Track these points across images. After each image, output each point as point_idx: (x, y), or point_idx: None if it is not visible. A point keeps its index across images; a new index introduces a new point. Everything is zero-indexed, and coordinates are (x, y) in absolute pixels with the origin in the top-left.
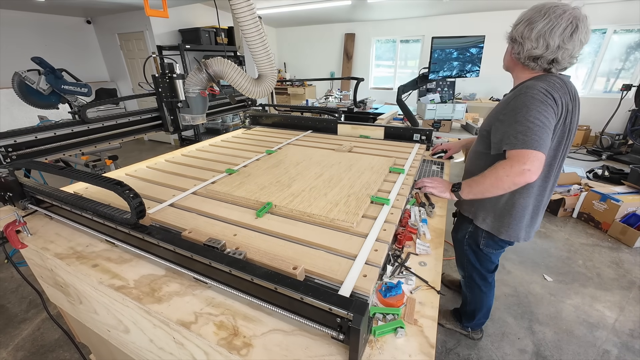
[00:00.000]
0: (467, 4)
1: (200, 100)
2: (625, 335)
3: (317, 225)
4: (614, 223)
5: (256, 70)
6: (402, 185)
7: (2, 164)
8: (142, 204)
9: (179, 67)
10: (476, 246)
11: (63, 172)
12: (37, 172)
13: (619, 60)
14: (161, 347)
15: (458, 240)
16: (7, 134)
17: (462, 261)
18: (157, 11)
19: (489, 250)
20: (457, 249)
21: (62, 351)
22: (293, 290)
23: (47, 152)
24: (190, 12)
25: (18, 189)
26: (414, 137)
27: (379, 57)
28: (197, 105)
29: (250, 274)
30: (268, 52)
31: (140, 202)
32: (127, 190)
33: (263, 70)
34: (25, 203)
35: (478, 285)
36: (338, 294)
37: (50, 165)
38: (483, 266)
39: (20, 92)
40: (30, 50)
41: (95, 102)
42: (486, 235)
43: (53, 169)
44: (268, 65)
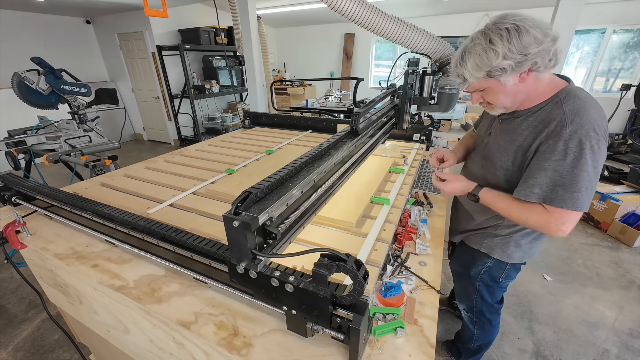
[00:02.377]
0: (467, 4)
1: (454, 98)
2: (624, 334)
3: (317, 225)
4: (614, 223)
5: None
6: (402, 185)
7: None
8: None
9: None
10: (493, 281)
11: None
12: (37, 172)
13: (619, 60)
14: (161, 347)
15: (469, 277)
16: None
17: (471, 297)
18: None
19: (508, 281)
20: (463, 286)
21: (62, 351)
22: (343, 309)
23: None
24: (189, 12)
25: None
26: (414, 137)
27: (379, 57)
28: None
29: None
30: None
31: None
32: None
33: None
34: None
35: (489, 320)
36: None
37: None
38: (495, 298)
39: (19, 92)
40: (30, 50)
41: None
42: (510, 267)
43: None
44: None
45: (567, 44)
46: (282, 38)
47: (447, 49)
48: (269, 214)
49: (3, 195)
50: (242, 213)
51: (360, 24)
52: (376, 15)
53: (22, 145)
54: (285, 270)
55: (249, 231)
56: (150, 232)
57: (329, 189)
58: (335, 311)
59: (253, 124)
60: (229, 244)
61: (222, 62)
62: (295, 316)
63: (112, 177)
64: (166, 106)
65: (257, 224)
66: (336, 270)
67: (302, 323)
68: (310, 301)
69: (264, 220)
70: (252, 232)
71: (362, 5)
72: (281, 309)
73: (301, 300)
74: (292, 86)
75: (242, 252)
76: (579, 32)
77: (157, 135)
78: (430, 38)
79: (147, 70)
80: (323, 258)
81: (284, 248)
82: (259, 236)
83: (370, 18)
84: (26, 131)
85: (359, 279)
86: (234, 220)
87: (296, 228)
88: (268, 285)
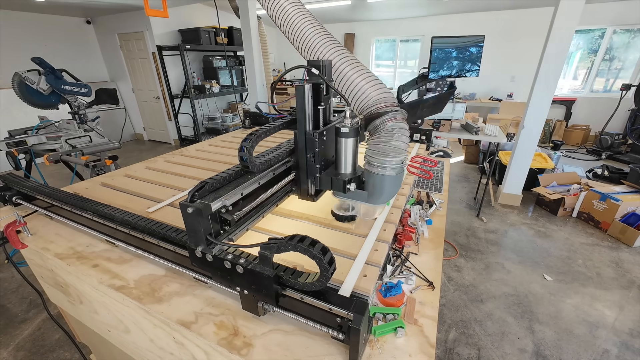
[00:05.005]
0: (466, 3)
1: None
2: (624, 334)
3: (317, 225)
4: (614, 222)
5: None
6: (402, 185)
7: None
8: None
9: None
10: None
11: None
12: (38, 172)
13: (618, 60)
14: (161, 347)
15: None
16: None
17: None
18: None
19: None
20: None
21: (62, 351)
22: (293, 290)
23: None
24: (190, 12)
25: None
26: (414, 136)
27: (379, 57)
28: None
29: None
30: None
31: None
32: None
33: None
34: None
35: None
36: (338, 294)
37: None
38: None
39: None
40: (30, 50)
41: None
42: None
43: None
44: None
45: (567, 43)
46: (282, 38)
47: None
48: (222, 202)
49: (4, 195)
50: (196, 201)
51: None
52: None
53: (22, 145)
54: (237, 254)
55: (202, 217)
56: (151, 232)
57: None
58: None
59: (253, 124)
60: (186, 229)
61: (222, 62)
62: (247, 296)
63: (113, 177)
64: (166, 106)
65: (210, 210)
66: (277, 250)
67: (253, 302)
68: (258, 281)
69: (217, 207)
70: (205, 218)
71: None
72: (235, 290)
73: (251, 281)
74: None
75: (198, 237)
76: (579, 32)
77: (158, 135)
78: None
79: (147, 70)
80: (269, 241)
81: (240, 234)
82: (214, 222)
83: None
84: (27, 131)
85: (323, 263)
86: (188, 207)
87: (255, 217)
88: (223, 267)
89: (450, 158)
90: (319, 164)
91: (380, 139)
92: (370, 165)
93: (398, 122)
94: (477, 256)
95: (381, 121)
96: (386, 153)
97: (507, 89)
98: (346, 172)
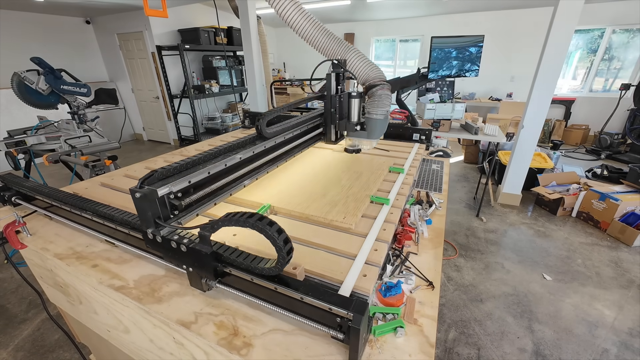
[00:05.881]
0: (466, 3)
1: (383, 124)
2: (624, 334)
3: (317, 225)
4: (613, 222)
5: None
6: (402, 185)
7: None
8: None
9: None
10: None
11: None
12: (37, 172)
13: (618, 60)
14: (161, 347)
15: None
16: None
17: None
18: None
19: None
20: None
21: (62, 351)
22: (293, 290)
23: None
24: (189, 12)
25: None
26: (414, 136)
27: (379, 57)
28: (378, 129)
29: (250, 274)
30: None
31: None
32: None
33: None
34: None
35: None
36: (338, 293)
37: None
38: None
39: (19, 92)
40: (30, 50)
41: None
42: None
43: None
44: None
45: (567, 43)
46: (282, 38)
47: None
48: (169, 188)
49: (3, 196)
50: (145, 187)
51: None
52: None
53: (22, 145)
54: (182, 234)
55: (150, 202)
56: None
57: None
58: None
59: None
60: (137, 213)
61: (222, 62)
62: (192, 273)
63: (112, 177)
64: (166, 106)
65: (156, 195)
66: (211, 230)
67: (197, 279)
68: (200, 258)
69: (163, 192)
70: (153, 202)
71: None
72: (182, 268)
73: (194, 259)
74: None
75: (148, 220)
76: (578, 32)
77: (157, 135)
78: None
79: (146, 70)
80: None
81: (190, 219)
82: (163, 207)
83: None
84: (26, 131)
85: (278, 243)
86: (136, 193)
87: (205, 203)
88: (170, 247)
89: (450, 158)
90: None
91: (374, 99)
92: (369, 113)
93: (385, 91)
94: (477, 256)
95: (375, 89)
96: (377, 106)
97: (507, 88)
98: (354, 120)
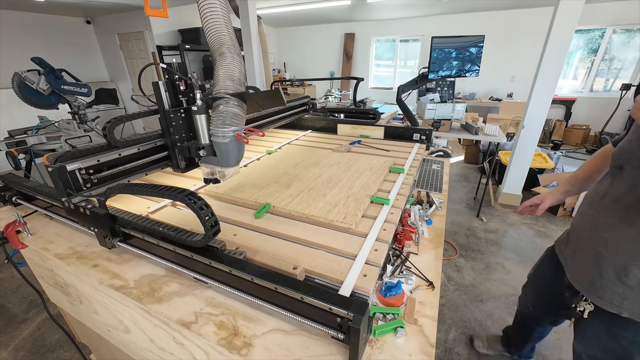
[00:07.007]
0: (466, 3)
1: (234, 147)
2: None
3: (317, 225)
4: None
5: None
6: (402, 185)
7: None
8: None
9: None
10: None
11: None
12: (38, 172)
13: (618, 60)
14: (161, 347)
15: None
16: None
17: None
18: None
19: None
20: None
21: (62, 351)
22: (293, 290)
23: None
24: (190, 12)
25: (108, 223)
26: (414, 136)
27: (379, 57)
28: (230, 154)
29: (250, 274)
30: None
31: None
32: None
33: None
34: (114, 242)
35: None
36: (338, 293)
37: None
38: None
39: (20, 92)
40: (30, 50)
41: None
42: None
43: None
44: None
45: (567, 43)
46: (282, 38)
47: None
48: (79, 164)
49: (4, 195)
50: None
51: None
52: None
53: (22, 145)
54: (87, 203)
55: (61, 175)
56: (150, 232)
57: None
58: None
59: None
60: (54, 185)
61: None
62: (98, 233)
63: None
64: None
65: (65, 170)
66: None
67: (102, 238)
68: (99, 220)
69: (73, 168)
70: (64, 175)
71: None
72: (92, 230)
73: (96, 221)
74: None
75: (60, 190)
76: (578, 32)
77: None
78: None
79: (147, 70)
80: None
81: (99, 190)
82: (75, 180)
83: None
84: (27, 131)
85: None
86: (49, 167)
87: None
88: (79, 212)
89: (450, 158)
90: (179, 135)
91: (217, 115)
92: (213, 135)
93: (229, 107)
94: (477, 256)
95: (217, 103)
96: (219, 125)
97: (507, 88)
98: (201, 142)
